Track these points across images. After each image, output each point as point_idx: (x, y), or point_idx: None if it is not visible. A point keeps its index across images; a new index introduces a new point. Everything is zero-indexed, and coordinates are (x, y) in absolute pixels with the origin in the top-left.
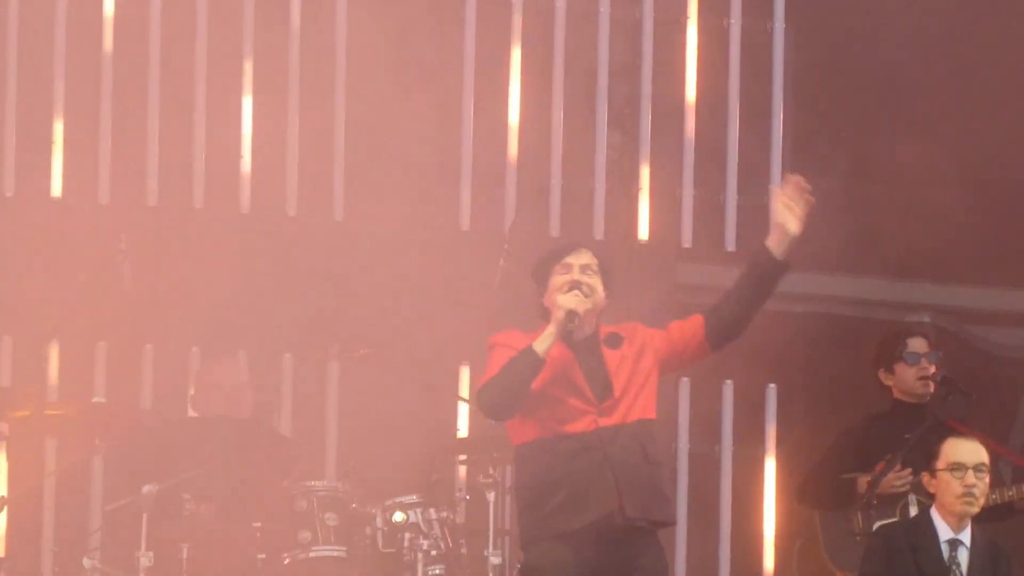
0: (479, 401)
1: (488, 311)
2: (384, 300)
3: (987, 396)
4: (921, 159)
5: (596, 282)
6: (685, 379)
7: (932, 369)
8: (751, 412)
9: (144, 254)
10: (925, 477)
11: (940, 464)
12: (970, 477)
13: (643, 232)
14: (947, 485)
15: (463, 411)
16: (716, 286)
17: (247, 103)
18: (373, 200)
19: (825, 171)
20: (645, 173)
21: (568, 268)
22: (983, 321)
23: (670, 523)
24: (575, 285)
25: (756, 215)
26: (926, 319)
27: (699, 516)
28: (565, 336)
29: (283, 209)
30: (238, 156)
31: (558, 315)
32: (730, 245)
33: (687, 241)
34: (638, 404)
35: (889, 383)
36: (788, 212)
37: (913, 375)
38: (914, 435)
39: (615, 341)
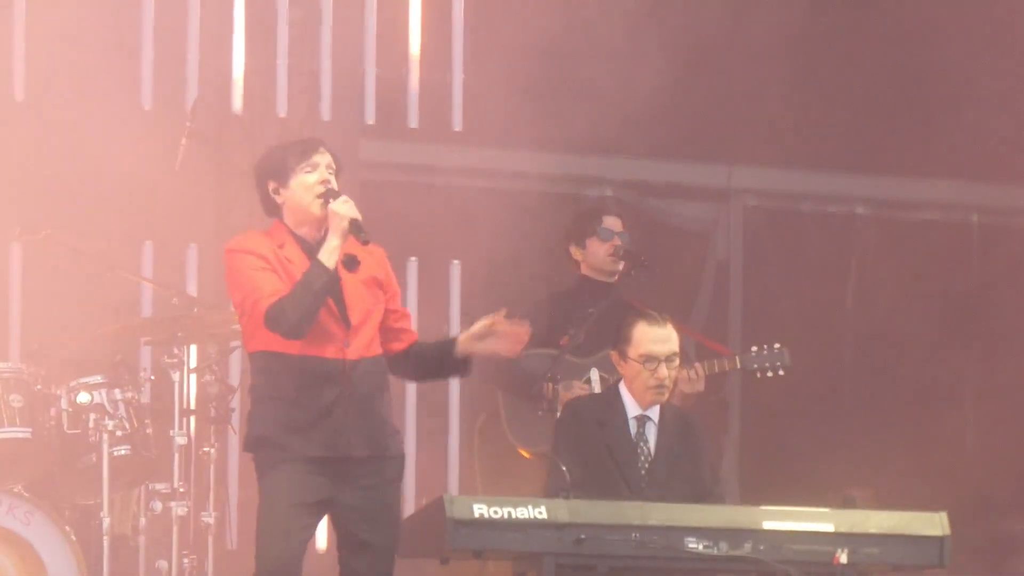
0: (272, 322)
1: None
2: (66, 180)
3: (670, 271)
4: (599, 36)
5: (334, 183)
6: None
7: (625, 248)
8: (435, 289)
9: None
10: (614, 356)
11: (631, 353)
12: (662, 370)
13: (326, 111)
14: (637, 374)
15: (146, 291)
16: (399, 163)
17: None
18: (54, 79)
19: (510, 49)
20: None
21: (315, 167)
22: (665, 195)
23: (400, 455)
24: (327, 186)
25: (438, 91)
26: (608, 193)
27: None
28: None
29: None
30: None
31: (341, 225)
32: (413, 122)
33: (370, 118)
34: (376, 338)
35: (578, 258)
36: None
37: (604, 251)
38: (596, 310)
39: (351, 263)
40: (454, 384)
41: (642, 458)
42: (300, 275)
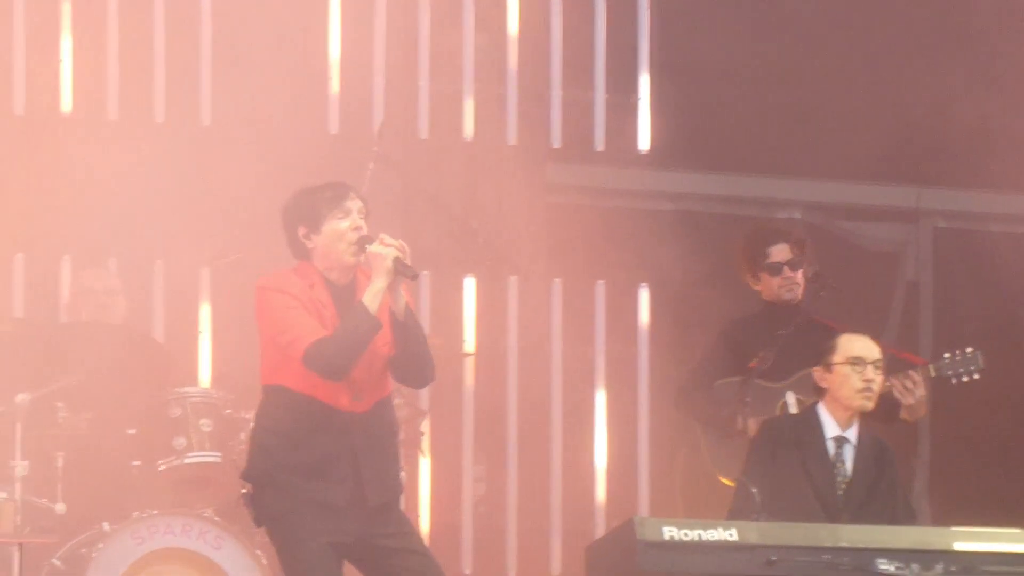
0: (312, 362)
1: None
2: (254, 205)
3: (859, 292)
4: (786, 56)
5: (366, 228)
6: (557, 279)
7: (796, 275)
8: (624, 312)
9: (12, 163)
10: (818, 372)
11: (837, 358)
12: (869, 371)
13: (512, 135)
14: (845, 379)
15: None
16: (586, 186)
17: (112, 12)
18: (240, 104)
19: (690, 71)
20: (513, 76)
21: (347, 213)
22: (854, 216)
23: (400, 495)
24: (360, 233)
25: (624, 113)
26: (797, 215)
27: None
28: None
29: (150, 115)
30: (103, 63)
31: (384, 265)
32: (599, 145)
33: (557, 142)
34: (386, 377)
35: (757, 287)
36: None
37: (776, 284)
38: (786, 331)
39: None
40: (643, 407)
41: (839, 479)
42: (330, 318)
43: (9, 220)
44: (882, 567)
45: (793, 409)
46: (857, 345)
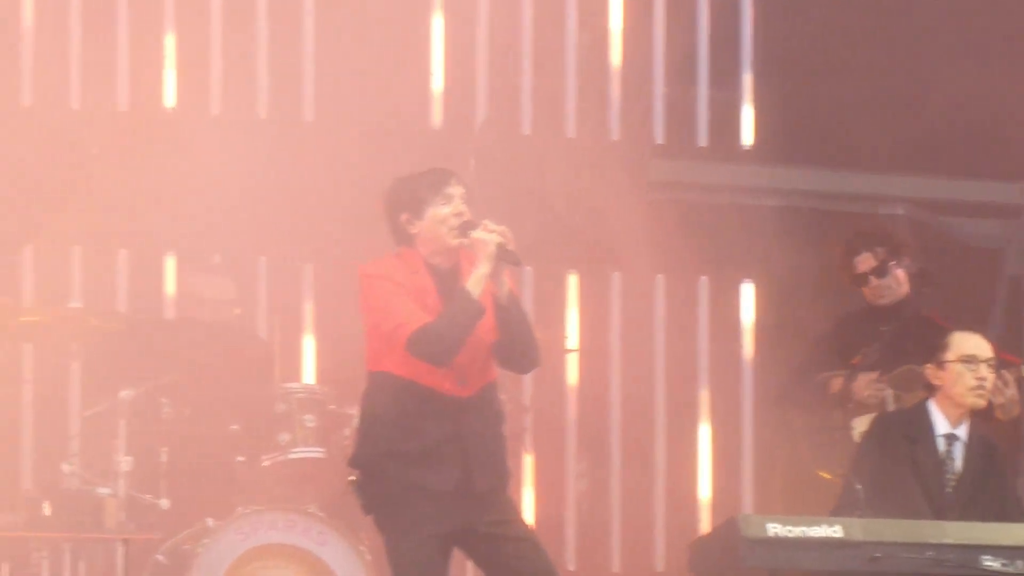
0: (416, 348)
1: None
2: (356, 200)
3: (962, 288)
4: (893, 52)
5: (469, 214)
6: (660, 275)
7: (886, 281)
8: (727, 309)
9: (117, 158)
10: (930, 369)
11: (951, 356)
12: (982, 370)
13: (614, 131)
14: (958, 377)
15: None
16: (689, 182)
17: (216, 7)
18: (343, 99)
19: (794, 66)
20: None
21: (449, 199)
22: (958, 212)
23: (508, 481)
24: (463, 217)
25: (727, 109)
26: (900, 211)
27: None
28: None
29: (254, 111)
30: (206, 58)
31: (487, 251)
32: (702, 140)
33: (660, 138)
34: (491, 362)
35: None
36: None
37: (867, 294)
38: (891, 328)
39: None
40: (746, 404)
41: (948, 476)
42: (433, 304)
43: (113, 216)
44: (987, 563)
45: (890, 404)
46: (971, 343)
